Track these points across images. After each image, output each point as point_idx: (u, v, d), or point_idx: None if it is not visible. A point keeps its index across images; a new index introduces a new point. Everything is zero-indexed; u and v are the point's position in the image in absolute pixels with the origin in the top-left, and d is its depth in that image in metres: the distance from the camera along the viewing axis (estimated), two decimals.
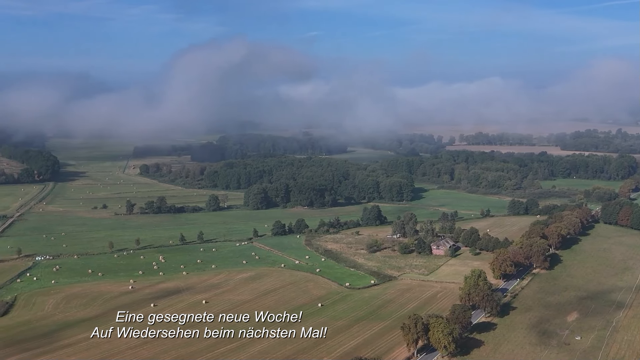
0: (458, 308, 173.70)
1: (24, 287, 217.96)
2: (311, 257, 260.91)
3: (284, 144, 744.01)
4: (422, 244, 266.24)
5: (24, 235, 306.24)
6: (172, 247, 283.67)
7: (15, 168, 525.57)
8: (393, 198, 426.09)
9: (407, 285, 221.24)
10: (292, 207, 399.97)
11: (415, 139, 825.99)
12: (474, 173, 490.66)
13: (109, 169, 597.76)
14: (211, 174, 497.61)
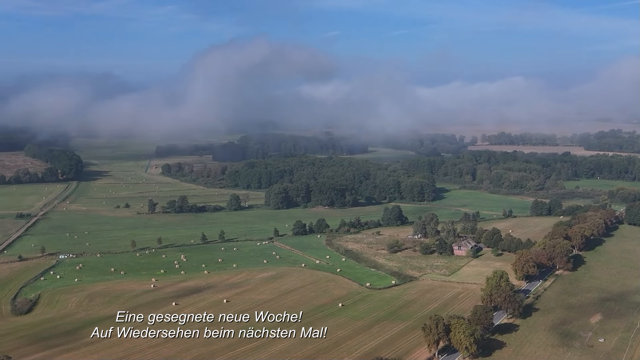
0: (480, 309, 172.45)
1: (47, 285, 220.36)
2: (332, 257, 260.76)
3: (305, 144, 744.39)
4: (443, 244, 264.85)
5: (47, 234, 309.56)
6: (193, 246, 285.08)
7: (39, 167, 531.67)
8: (414, 198, 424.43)
9: (428, 285, 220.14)
10: (312, 207, 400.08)
11: (437, 139, 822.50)
12: (496, 173, 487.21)
13: (131, 168, 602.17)
14: (232, 174, 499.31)
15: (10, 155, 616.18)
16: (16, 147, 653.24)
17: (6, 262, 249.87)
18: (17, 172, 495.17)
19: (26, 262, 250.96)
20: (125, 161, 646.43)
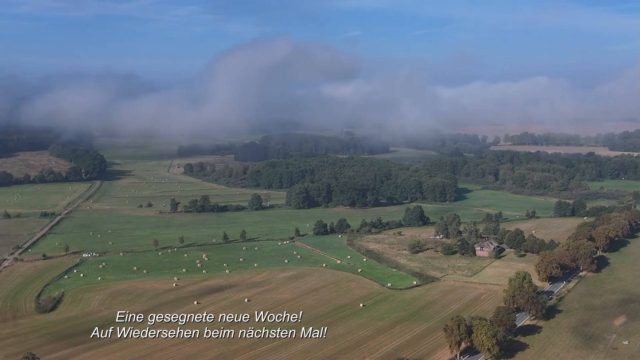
0: (502, 310, 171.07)
1: (71, 283, 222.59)
2: (353, 257, 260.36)
3: (326, 144, 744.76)
4: (465, 245, 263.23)
5: (71, 233, 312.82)
6: (215, 245, 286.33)
7: (63, 167, 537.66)
8: (436, 198, 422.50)
9: (450, 286, 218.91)
10: (333, 207, 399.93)
11: (459, 139, 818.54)
12: (519, 173, 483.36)
13: (154, 168, 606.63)
14: (254, 174, 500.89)
15: (35, 154, 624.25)
16: (41, 146, 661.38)
17: (31, 261, 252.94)
18: (42, 172, 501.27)
19: (50, 261, 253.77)
20: (148, 161, 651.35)
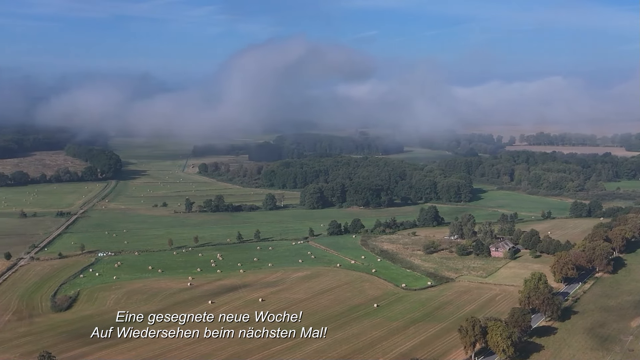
0: (517, 311, 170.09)
1: (86, 282, 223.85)
2: (367, 257, 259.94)
3: (340, 144, 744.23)
4: (480, 245, 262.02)
5: (87, 232, 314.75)
6: (229, 245, 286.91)
7: (79, 166, 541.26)
8: (450, 199, 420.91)
9: (465, 287, 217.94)
10: (348, 207, 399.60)
11: (474, 139, 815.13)
12: (534, 174, 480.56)
13: (169, 167, 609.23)
14: (268, 174, 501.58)
15: (51, 154, 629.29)
16: (57, 146, 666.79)
17: (47, 260, 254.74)
18: (58, 171, 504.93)
19: (66, 260, 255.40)
20: (163, 160, 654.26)
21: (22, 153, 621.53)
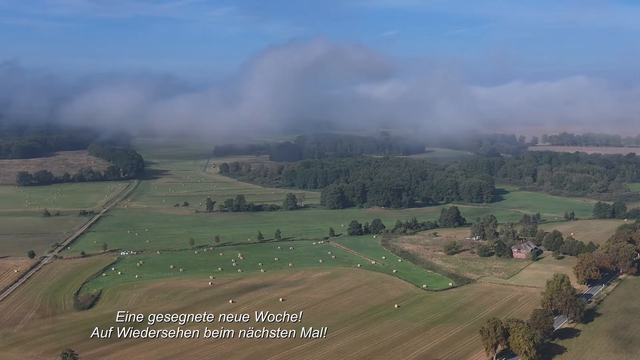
0: (539, 313, 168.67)
1: (109, 281, 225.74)
2: (387, 258, 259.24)
3: (361, 144, 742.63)
4: (502, 246, 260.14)
5: (109, 231, 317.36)
6: (250, 244, 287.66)
7: (102, 166, 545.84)
8: (472, 199, 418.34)
9: (487, 288, 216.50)
10: (368, 207, 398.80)
11: (496, 139, 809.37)
12: (557, 174, 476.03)
13: (190, 167, 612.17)
14: (289, 173, 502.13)
15: (74, 154, 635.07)
16: (80, 146, 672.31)
17: (70, 258, 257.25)
18: (81, 171, 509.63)
19: (89, 259, 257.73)
20: (185, 160, 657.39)
21: (45, 153, 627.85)
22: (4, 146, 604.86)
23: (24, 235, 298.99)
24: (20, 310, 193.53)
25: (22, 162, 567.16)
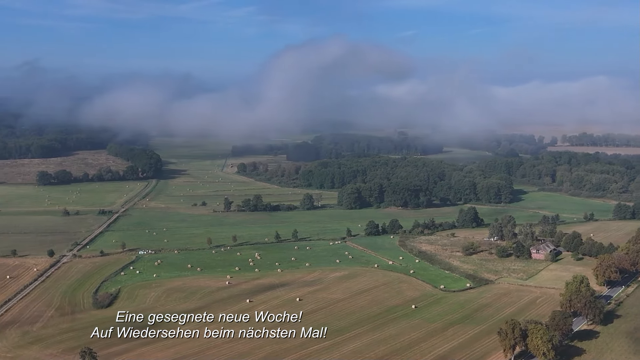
0: (558, 314, 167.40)
1: (127, 279, 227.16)
2: (405, 258, 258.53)
3: (378, 144, 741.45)
4: (521, 247, 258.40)
5: (128, 230, 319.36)
6: (267, 244, 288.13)
7: (120, 165, 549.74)
8: (490, 200, 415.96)
9: (505, 289, 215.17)
10: (385, 207, 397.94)
11: (515, 139, 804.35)
12: (577, 175, 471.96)
13: (208, 167, 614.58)
14: (306, 173, 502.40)
15: (93, 153, 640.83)
16: (99, 145, 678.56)
17: (89, 257, 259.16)
18: (100, 170, 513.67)
19: (107, 257, 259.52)
20: (203, 160, 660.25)
21: (65, 152, 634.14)
22: (24, 146, 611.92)
23: (44, 234, 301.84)
24: (39, 309, 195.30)
25: (42, 161, 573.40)
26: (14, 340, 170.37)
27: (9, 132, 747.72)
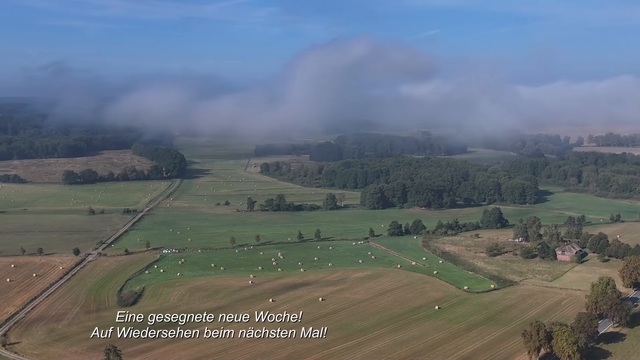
0: (584, 316, 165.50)
1: (151, 278, 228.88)
2: (428, 259, 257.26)
3: (402, 144, 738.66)
4: (546, 248, 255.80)
5: (152, 229, 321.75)
6: (290, 244, 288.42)
7: (145, 165, 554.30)
8: (515, 200, 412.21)
9: (529, 291, 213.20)
10: (409, 208, 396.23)
11: (540, 140, 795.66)
12: (603, 176, 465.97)
13: (231, 167, 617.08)
14: (329, 173, 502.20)
15: (118, 153, 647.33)
16: (124, 145, 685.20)
17: (114, 256, 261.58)
18: (125, 170, 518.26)
19: (132, 256, 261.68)
20: (226, 160, 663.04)
21: (91, 152, 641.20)
22: (50, 145, 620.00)
23: (69, 233, 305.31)
24: (65, 307, 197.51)
25: (68, 161, 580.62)
26: (40, 337, 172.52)
27: (36, 132, 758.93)
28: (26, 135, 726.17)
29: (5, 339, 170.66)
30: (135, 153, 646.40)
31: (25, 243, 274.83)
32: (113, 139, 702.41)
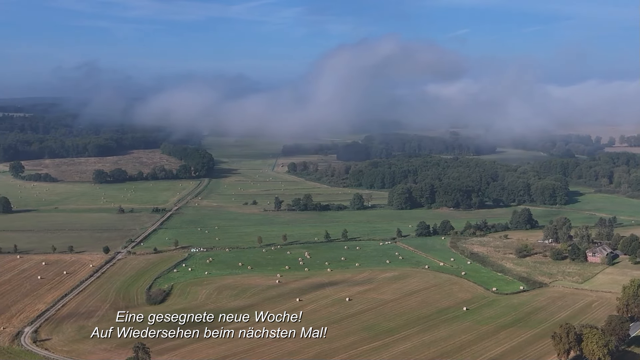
0: (615, 319, 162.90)
1: (179, 276, 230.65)
2: (456, 260, 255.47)
3: (430, 144, 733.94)
4: (576, 250, 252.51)
5: (180, 228, 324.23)
6: (317, 243, 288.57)
7: (174, 164, 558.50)
8: (545, 201, 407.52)
9: (559, 292, 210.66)
10: (437, 208, 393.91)
11: (571, 140, 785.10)
12: (635, 176, 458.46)
13: (259, 166, 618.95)
14: (356, 173, 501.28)
15: (148, 152, 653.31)
16: (153, 144, 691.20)
17: (143, 254, 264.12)
18: (154, 169, 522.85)
19: (161, 255, 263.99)
20: (254, 159, 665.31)
21: (120, 151, 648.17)
22: (81, 145, 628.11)
23: (99, 231, 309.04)
24: (94, 304, 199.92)
25: (98, 160, 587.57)
26: (70, 334, 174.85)
27: (67, 132, 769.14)
28: (57, 134, 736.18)
29: (37, 335, 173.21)
30: (164, 152, 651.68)
31: (56, 241, 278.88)
32: (142, 138, 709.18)
